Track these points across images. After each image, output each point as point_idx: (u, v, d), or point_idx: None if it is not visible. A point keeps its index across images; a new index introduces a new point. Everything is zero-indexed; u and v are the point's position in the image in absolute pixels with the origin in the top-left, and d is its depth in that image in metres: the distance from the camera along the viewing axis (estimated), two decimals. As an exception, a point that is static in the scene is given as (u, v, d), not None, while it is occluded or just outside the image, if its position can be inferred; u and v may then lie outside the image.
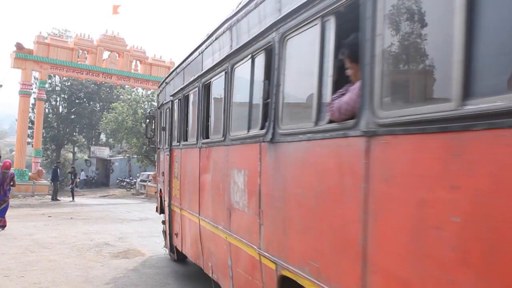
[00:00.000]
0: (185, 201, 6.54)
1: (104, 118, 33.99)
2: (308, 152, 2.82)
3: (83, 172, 40.28)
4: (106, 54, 27.86)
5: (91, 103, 45.66)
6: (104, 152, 43.23)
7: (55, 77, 41.87)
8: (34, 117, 29.67)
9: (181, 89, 6.61)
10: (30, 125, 29.91)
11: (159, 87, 9.44)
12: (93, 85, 43.70)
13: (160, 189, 8.95)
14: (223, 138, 4.51)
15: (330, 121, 2.61)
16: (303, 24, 2.94)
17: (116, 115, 31.56)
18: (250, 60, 3.88)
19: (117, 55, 27.93)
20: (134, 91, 37.50)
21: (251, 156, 3.74)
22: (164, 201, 8.38)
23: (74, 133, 45.85)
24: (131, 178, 36.34)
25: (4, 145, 67.36)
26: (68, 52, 26.23)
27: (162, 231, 9.27)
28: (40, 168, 26.13)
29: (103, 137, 46.93)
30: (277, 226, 3.28)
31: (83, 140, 47.66)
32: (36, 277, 7.33)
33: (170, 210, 7.70)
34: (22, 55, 24.67)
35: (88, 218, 15.07)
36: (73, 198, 24.16)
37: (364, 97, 2.28)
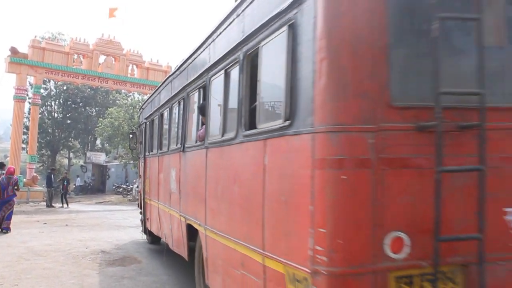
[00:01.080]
0: (151, 194, 9.45)
1: (100, 124, 34.06)
2: (193, 156, 5.57)
3: (78, 178, 40.37)
4: (102, 58, 28.02)
5: (87, 108, 45.72)
6: (100, 158, 43.22)
7: (50, 81, 41.87)
8: (29, 123, 29.84)
9: (149, 115, 9.65)
10: (25, 130, 30.09)
11: (139, 109, 12.52)
12: (89, 89, 43.70)
13: (139, 190, 12.05)
14: (167, 150, 7.53)
15: (198, 141, 5.44)
16: (197, 86, 5.65)
17: (112, 120, 31.58)
18: (178, 103, 6.65)
19: (113, 59, 28.04)
20: (130, 95, 37.92)
21: (176, 160, 6.51)
22: (141, 193, 11.63)
23: (70, 139, 45.90)
24: (127, 184, 36.27)
25: (-1, 151, 67.54)
26: (64, 56, 26.27)
27: (140, 219, 11.84)
28: (35, 174, 26.11)
29: (99, 142, 46.92)
30: (184, 197, 6.09)
31: (79, 145, 47.73)
32: (30, 286, 7.30)
33: (144, 203, 10.70)
34: (16, 59, 24.68)
35: (84, 225, 15.03)
36: (64, 204, 24.13)
37: (205, 132, 5.00)
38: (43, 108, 42.39)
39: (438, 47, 2.54)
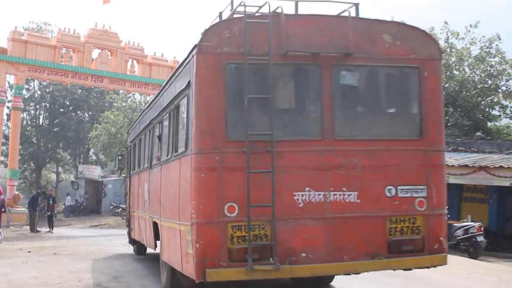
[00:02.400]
0: (134, 206, 13.34)
1: (94, 130, 33.96)
2: (155, 171, 9.48)
3: (69, 197, 40.51)
4: (96, 53, 28.52)
5: (78, 112, 46.03)
6: (95, 172, 43.52)
7: (34, 81, 42.46)
8: (9, 131, 30.47)
9: (132, 139, 13.69)
10: (4, 140, 30.17)
11: (127, 132, 17.39)
12: (80, 90, 43.94)
13: (126, 206, 16.97)
14: (142, 168, 11.51)
15: (157, 161, 9.47)
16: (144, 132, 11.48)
17: (108, 126, 31.77)
18: (149, 131, 10.71)
19: (109, 53, 28.20)
20: (130, 97, 37.91)
21: (147, 175, 10.30)
22: (128, 211, 15.22)
23: (58, 150, 46.10)
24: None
25: (-27, 166, 68.19)
26: (50, 50, 26.48)
27: (127, 232, 15.37)
28: (17, 192, 26.24)
29: (93, 153, 47.32)
30: (151, 202, 9.85)
31: (69, 157, 48.17)
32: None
33: (129, 216, 14.53)
34: None
35: (76, 253, 15.04)
36: (51, 228, 24.25)
37: (160, 154, 9.22)
38: (26, 113, 43.01)
39: (250, 111, 6.46)
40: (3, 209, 13.51)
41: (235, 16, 6.97)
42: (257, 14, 6.97)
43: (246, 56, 6.49)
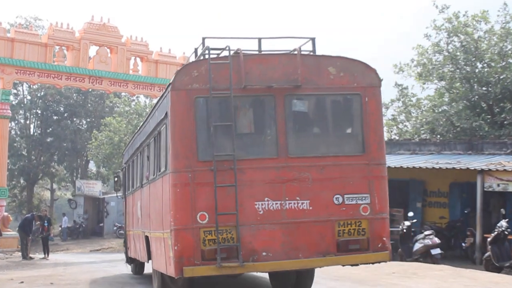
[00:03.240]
0: (129, 224, 15.64)
1: (94, 140, 34.28)
2: (145, 189, 12.21)
3: (65, 218, 40.39)
4: (93, 50, 28.84)
5: (75, 119, 46.17)
6: (95, 188, 43.50)
7: (23, 85, 42.75)
8: None
9: (127, 160, 16.13)
10: None
11: (122, 153, 19.45)
12: (76, 94, 44.11)
13: (124, 227, 18.90)
14: (135, 187, 13.91)
15: (146, 180, 12.24)
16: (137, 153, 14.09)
17: (110, 134, 32.16)
18: (140, 153, 13.32)
19: (108, 50, 28.42)
20: (134, 100, 38.20)
21: (139, 193, 13.05)
22: (125, 231, 17.77)
23: (52, 163, 46.35)
24: (133, 223, 36.09)
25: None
26: (41, 49, 26.69)
27: (124, 252, 17.54)
28: (6, 214, 26.47)
29: (92, 166, 47.65)
30: (143, 218, 12.53)
31: (65, 172, 48.34)
32: None
33: (126, 235, 16.97)
34: None
35: (76, 283, 15.03)
36: (46, 254, 24.26)
37: (149, 173, 12.08)
38: (14, 122, 43.41)
39: (215, 136, 8.92)
40: None
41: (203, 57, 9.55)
42: (222, 55, 9.51)
43: (211, 91, 8.96)
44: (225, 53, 9.42)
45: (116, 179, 18.32)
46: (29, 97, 45.18)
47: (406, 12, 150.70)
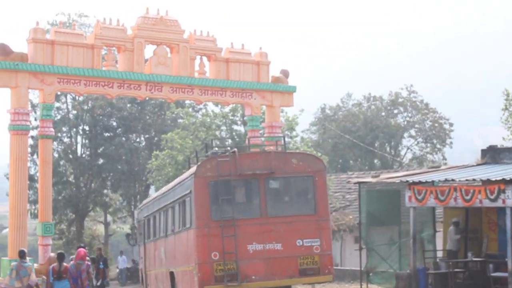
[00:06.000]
0: (150, 265, 25.30)
1: (154, 160, 35.28)
2: (170, 238, 21.60)
3: (123, 257, 40.84)
4: (149, 50, 28.28)
5: (130, 136, 47.10)
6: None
7: (66, 97, 43.56)
8: (35, 169, 31.89)
9: (146, 216, 26.21)
10: (31, 182, 31.24)
11: (136, 210, 32.18)
12: (130, 105, 45.09)
13: (141, 268, 28.50)
14: (158, 236, 23.77)
15: (171, 231, 21.77)
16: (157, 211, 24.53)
17: (174, 153, 32.87)
18: (164, 212, 23.06)
19: (168, 50, 27.47)
20: (201, 109, 39.70)
21: (163, 241, 22.64)
22: (142, 271, 27.54)
23: (105, 190, 47.44)
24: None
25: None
26: (86, 52, 25.80)
27: None
28: (52, 254, 25.74)
29: (153, 192, 46.40)
30: (167, 259, 22.24)
31: (121, 200, 49.04)
32: None
33: (146, 275, 26.10)
34: (9, 64, 24.45)
35: None
36: None
37: (173, 227, 21.95)
38: (57, 141, 43.64)
39: (222, 205, 17.67)
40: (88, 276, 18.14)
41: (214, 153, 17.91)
42: (225, 154, 17.48)
43: (219, 177, 16.74)
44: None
45: (130, 235, 27.85)
46: (74, 112, 44.98)
47: None
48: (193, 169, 17.40)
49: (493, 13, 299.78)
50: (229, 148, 17.98)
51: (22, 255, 18.46)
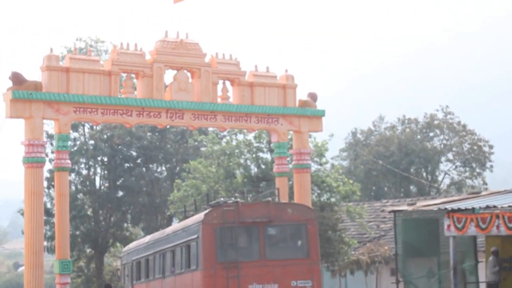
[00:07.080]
0: None
1: (176, 191, 35.24)
2: (169, 279, 24.00)
3: None
4: (169, 76, 28.35)
5: (151, 166, 46.95)
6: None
7: (83, 127, 43.79)
8: (52, 203, 31.59)
9: (135, 259, 27.66)
10: (47, 217, 32.45)
11: (121, 255, 32.48)
12: (151, 134, 45.12)
13: None
14: (153, 277, 25.89)
15: (171, 273, 24.26)
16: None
17: (197, 182, 32.93)
18: (161, 255, 25.29)
19: (189, 74, 27.68)
20: (225, 135, 39.59)
21: (160, 282, 24.90)
22: None
23: (125, 224, 47.60)
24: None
25: (4, 256, 66.30)
26: (103, 79, 26.04)
27: None
28: None
29: (176, 223, 46.58)
30: None
31: (142, 234, 47.84)
32: None
33: None
34: (23, 93, 24.67)
35: None
36: None
37: (174, 269, 24.55)
38: (74, 173, 43.74)
39: (226, 249, 20.48)
40: None
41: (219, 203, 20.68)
42: (229, 203, 20.29)
43: (224, 224, 19.24)
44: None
45: (115, 276, 30.62)
46: (91, 142, 44.93)
47: None
48: (200, 216, 20.03)
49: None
50: (233, 199, 21.26)
51: None
